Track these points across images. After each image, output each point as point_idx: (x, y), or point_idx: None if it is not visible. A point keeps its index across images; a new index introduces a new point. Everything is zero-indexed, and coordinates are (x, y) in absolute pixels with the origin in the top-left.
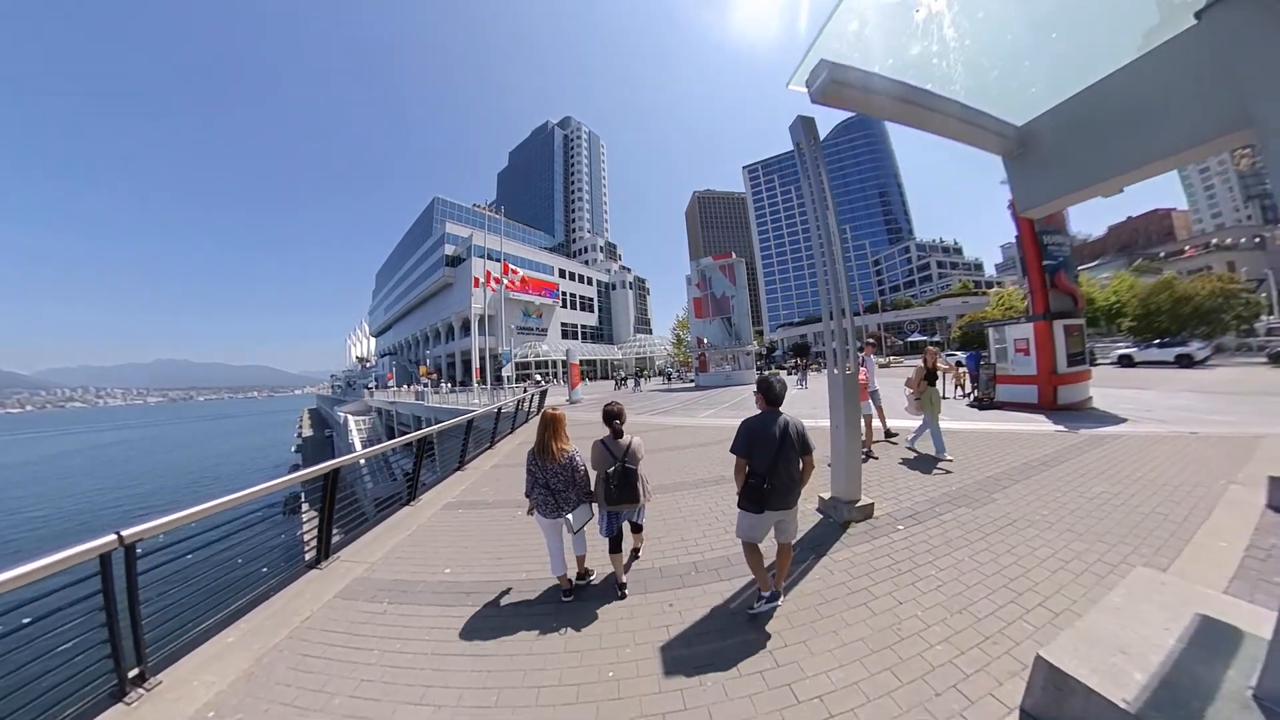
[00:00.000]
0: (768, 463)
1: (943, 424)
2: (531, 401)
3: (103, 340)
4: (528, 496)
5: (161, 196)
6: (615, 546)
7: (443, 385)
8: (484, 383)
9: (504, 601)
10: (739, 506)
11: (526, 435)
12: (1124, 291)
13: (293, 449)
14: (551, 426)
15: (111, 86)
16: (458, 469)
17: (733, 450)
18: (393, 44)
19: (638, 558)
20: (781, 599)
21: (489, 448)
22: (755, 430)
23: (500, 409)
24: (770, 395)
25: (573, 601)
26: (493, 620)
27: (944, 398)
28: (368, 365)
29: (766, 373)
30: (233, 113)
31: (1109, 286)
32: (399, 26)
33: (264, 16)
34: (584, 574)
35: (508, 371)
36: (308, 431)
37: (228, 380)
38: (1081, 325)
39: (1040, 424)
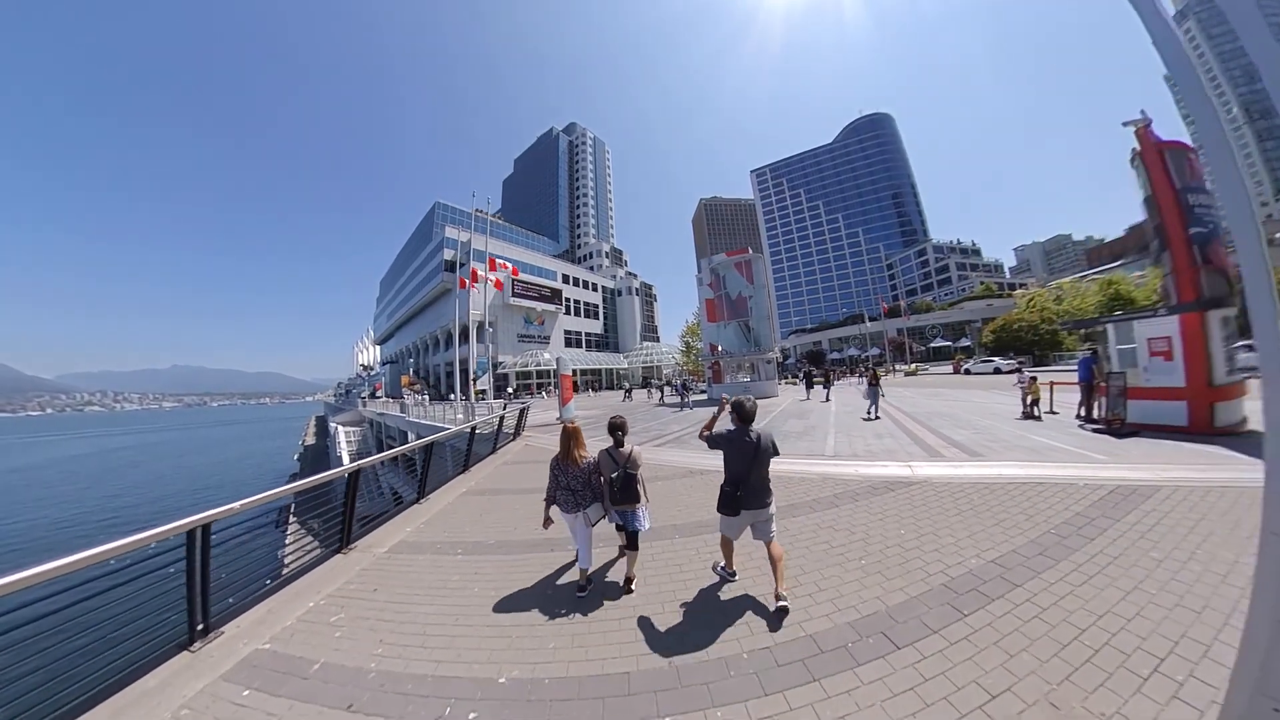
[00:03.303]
0: (744, 467)
1: (1071, 468)
2: (501, 424)
3: (123, 347)
4: (546, 500)
5: (177, 203)
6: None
7: (424, 397)
8: (468, 395)
9: None
10: (718, 511)
11: (477, 480)
12: None
13: (294, 457)
14: (574, 438)
15: (117, 100)
16: (339, 550)
17: (711, 445)
18: (398, 48)
19: (631, 591)
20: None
21: (416, 501)
22: (730, 438)
23: (433, 444)
24: (743, 414)
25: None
26: None
27: (1034, 417)
28: (370, 373)
29: (739, 396)
30: (251, 120)
31: (1147, 284)
32: (404, 32)
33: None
34: (584, 586)
35: (483, 385)
36: (310, 440)
37: (241, 386)
38: (1234, 317)
39: (1241, 464)
